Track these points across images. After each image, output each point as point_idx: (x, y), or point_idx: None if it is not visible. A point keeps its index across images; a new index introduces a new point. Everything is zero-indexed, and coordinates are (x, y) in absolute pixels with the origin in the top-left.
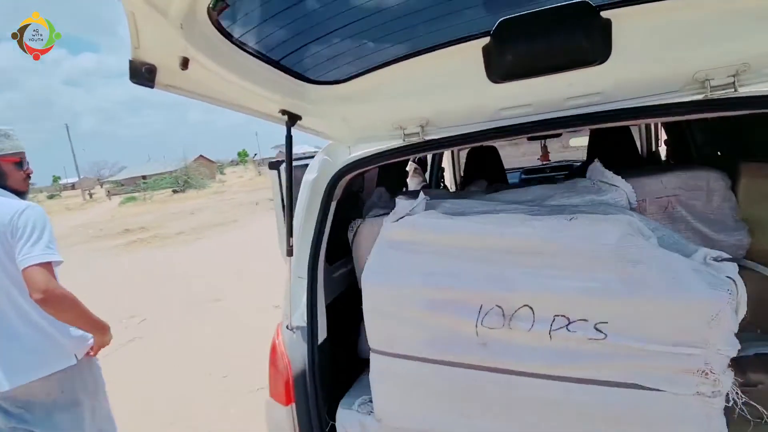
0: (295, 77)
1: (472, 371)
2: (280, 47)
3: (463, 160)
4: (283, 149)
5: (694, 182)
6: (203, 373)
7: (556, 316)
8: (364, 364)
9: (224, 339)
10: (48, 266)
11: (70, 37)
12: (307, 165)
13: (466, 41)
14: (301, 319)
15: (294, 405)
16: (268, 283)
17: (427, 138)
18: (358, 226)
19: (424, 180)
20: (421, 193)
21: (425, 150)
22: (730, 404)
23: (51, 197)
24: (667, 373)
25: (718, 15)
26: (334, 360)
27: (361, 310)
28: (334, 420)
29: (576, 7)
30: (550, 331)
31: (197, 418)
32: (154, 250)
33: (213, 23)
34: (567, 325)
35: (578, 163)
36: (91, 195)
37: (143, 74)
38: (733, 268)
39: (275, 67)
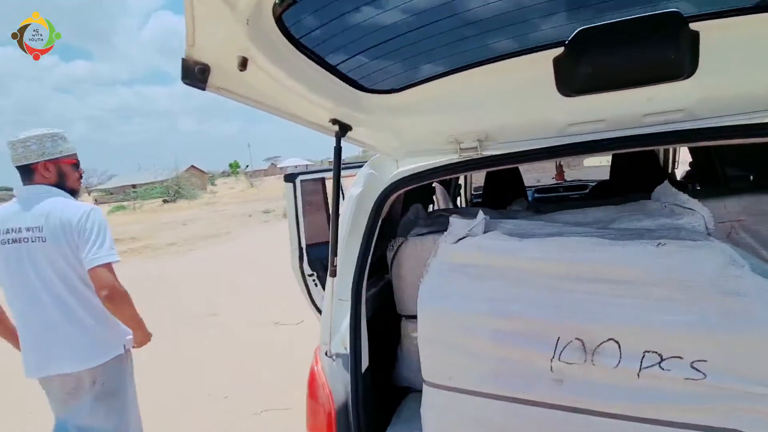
0: (350, 84)
1: (543, 410)
2: (338, 52)
3: (475, 177)
4: (276, 161)
5: (758, 207)
6: (203, 393)
7: (646, 352)
8: (401, 393)
9: (222, 356)
10: (111, 266)
11: (62, 43)
12: (323, 178)
13: (535, 52)
14: (340, 345)
15: None
16: (265, 298)
17: (486, 153)
18: (400, 246)
19: (449, 198)
20: (480, 212)
21: (482, 166)
22: None
23: None
24: None
25: None
26: (375, 390)
27: (396, 333)
28: None
29: (664, 18)
30: (639, 368)
31: None
32: (145, 261)
33: (276, 21)
34: (659, 363)
35: (593, 183)
36: None
37: (195, 74)
38: None
39: (331, 72)
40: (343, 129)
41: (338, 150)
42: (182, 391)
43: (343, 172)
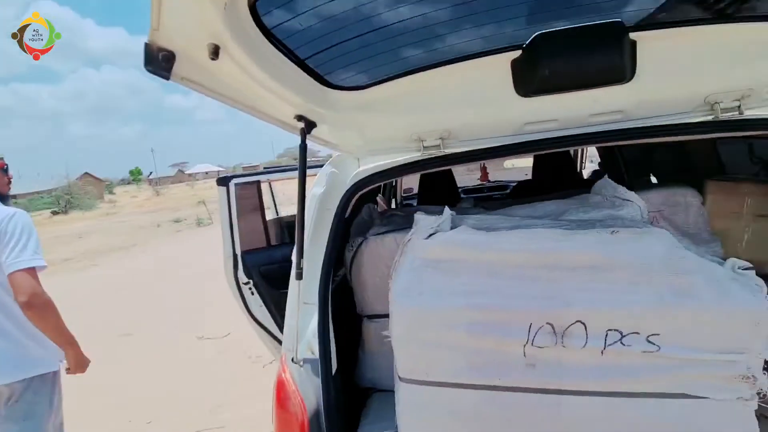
0: (317, 80)
1: (517, 394)
2: (307, 46)
3: (405, 180)
4: (183, 168)
5: (674, 198)
6: (122, 420)
7: (609, 330)
8: (363, 394)
9: (141, 378)
10: (34, 272)
11: None
12: (258, 181)
13: (495, 54)
14: (306, 350)
15: None
16: (185, 313)
17: (448, 151)
18: (359, 245)
19: (387, 198)
20: (446, 209)
21: (445, 164)
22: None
23: None
24: (713, 380)
25: (729, 43)
26: (343, 392)
27: (356, 334)
28: None
29: (610, 27)
30: (604, 346)
31: None
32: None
33: (249, 8)
34: (621, 339)
35: (513, 183)
36: None
37: (159, 62)
38: (755, 277)
39: (300, 66)
40: (309, 126)
41: (304, 148)
42: (99, 419)
43: (284, 174)
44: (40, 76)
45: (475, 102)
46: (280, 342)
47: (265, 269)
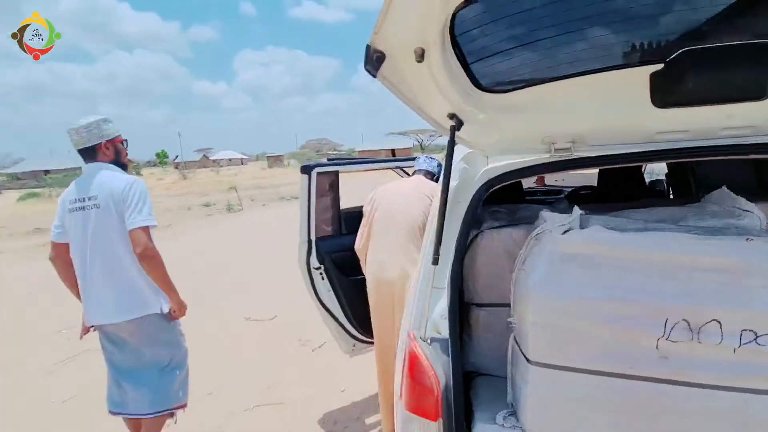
0: (473, 82)
1: (648, 383)
2: (475, 52)
3: None
4: (208, 153)
5: None
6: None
7: (743, 330)
8: (466, 377)
9: (194, 353)
10: (148, 229)
11: None
12: (337, 171)
13: (634, 66)
14: (432, 330)
15: (441, 420)
16: (233, 294)
17: (578, 154)
18: (475, 237)
19: None
20: (576, 207)
21: (574, 167)
22: None
23: None
24: None
25: None
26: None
27: (463, 320)
28: None
29: (755, 47)
30: (739, 344)
31: None
32: None
33: (453, 16)
34: (755, 339)
35: (569, 189)
36: None
37: (373, 62)
38: None
39: (464, 69)
40: (458, 124)
41: (453, 143)
42: None
43: (360, 167)
44: (74, 56)
45: (609, 110)
46: (343, 326)
47: (336, 256)
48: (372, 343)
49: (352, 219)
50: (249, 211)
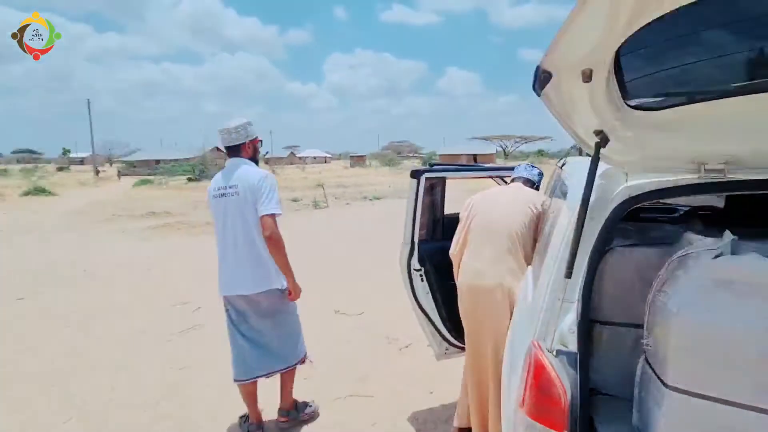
0: (624, 99)
1: None
2: (632, 70)
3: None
4: (295, 151)
5: None
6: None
7: None
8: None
9: None
10: (274, 217)
11: (96, 14)
12: (444, 178)
13: None
14: (558, 343)
15: (567, 431)
16: (324, 286)
17: (732, 177)
18: (604, 254)
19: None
20: (727, 232)
21: (726, 189)
22: None
23: (60, 169)
24: None
25: None
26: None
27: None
28: None
29: None
30: None
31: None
32: (185, 238)
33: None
34: None
35: (684, 208)
36: (98, 172)
37: (541, 81)
38: None
39: (620, 86)
40: (604, 141)
41: (597, 159)
42: None
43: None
44: (186, 57)
45: None
46: (438, 329)
47: (437, 260)
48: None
49: (454, 224)
50: (334, 208)
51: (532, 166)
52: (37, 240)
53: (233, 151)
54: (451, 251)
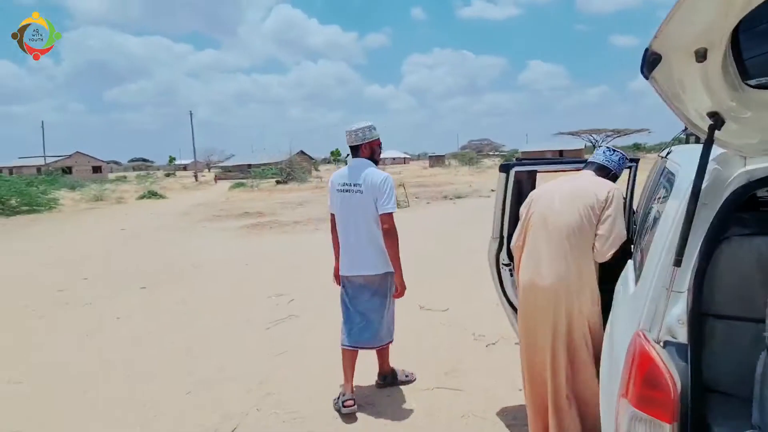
0: (743, 77)
1: None
2: (751, 47)
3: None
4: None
5: None
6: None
7: None
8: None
9: None
10: (392, 215)
11: (196, 33)
12: (535, 171)
13: None
14: (667, 334)
15: (677, 424)
16: (408, 281)
17: None
18: (719, 243)
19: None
20: None
21: None
22: None
23: (168, 175)
24: None
25: None
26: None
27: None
28: None
29: None
30: None
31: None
32: (277, 235)
33: None
34: None
35: None
36: (196, 177)
37: (649, 64)
38: None
39: (737, 64)
40: (719, 123)
41: (710, 143)
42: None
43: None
44: (273, 67)
45: None
46: None
47: None
48: None
49: None
50: (415, 208)
51: (613, 150)
52: (153, 238)
53: (354, 150)
54: (512, 244)
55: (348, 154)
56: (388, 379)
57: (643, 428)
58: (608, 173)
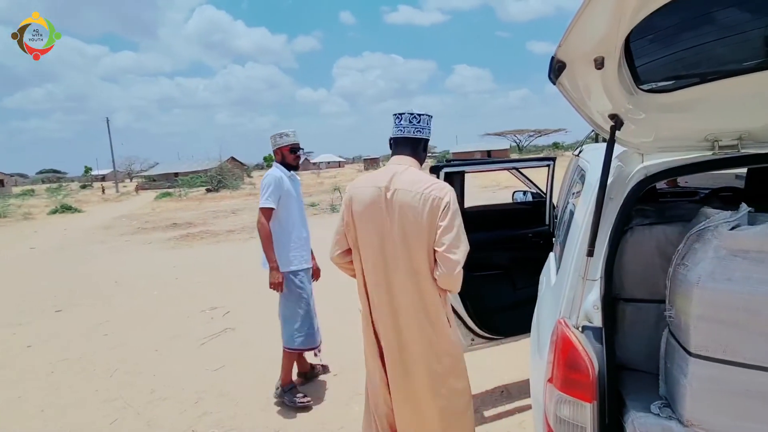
0: (636, 83)
1: None
2: (643, 56)
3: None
4: (309, 157)
5: None
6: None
7: None
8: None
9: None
10: (261, 209)
11: (112, 34)
12: (463, 171)
13: None
14: (584, 319)
15: (596, 403)
16: (347, 287)
17: (746, 152)
18: (624, 233)
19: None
20: (743, 204)
21: (738, 165)
22: None
23: (84, 187)
24: None
25: None
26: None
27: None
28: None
29: None
30: None
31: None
32: (210, 246)
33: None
34: None
35: (704, 190)
36: (117, 189)
37: (555, 71)
38: None
39: (631, 71)
40: (618, 124)
41: (613, 142)
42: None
43: (484, 167)
44: (198, 71)
45: None
46: (464, 321)
47: None
48: (492, 338)
49: (473, 218)
50: None
51: (413, 115)
52: (70, 255)
53: (275, 155)
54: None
55: None
56: (309, 374)
57: (567, 410)
58: (418, 149)
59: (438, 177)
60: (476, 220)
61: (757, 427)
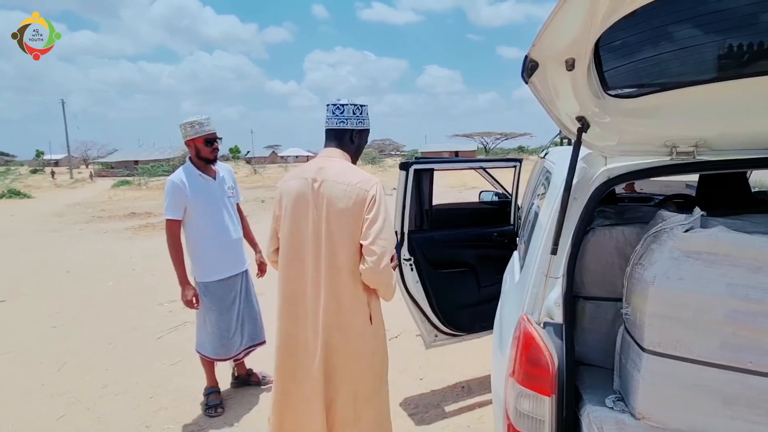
0: (603, 87)
1: (766, 378)
2: (612, 60)
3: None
4: (276, 150)
5: None
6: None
7: None
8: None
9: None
10: (166, 221)
11: (70, 13)
12: (433, 169)
13: (762, 75)
14: (546, 316)
15: (555, 396)
16: None
17: (701, 158)
18: (585, 234)
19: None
20: (697, 208)
21: (695, 170)
22: None
23: (34, 172)
24: None
25: None
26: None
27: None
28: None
29: None
30: None
31: None
32: None
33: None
34: None
35: (659, 196)
36: (71, 174)
37: (528, 70)
38: None
39: (599, 75)
40: (585, 127)
41: (579, 144)
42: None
43: (454, 165)
44: (162, 56)
45: (735, 116)
46: (428, 317)
47: (426, 249)
48: (455, 335)
49: (442, 215)
50: None
51: (337, 105)
52: (16, 243)
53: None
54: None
55: (248, 151)
56: (242, 379)
57: (527, 403)
58: (348, 140)
59: (408, 174)
60: (444, 217)
61: (703, 420)
